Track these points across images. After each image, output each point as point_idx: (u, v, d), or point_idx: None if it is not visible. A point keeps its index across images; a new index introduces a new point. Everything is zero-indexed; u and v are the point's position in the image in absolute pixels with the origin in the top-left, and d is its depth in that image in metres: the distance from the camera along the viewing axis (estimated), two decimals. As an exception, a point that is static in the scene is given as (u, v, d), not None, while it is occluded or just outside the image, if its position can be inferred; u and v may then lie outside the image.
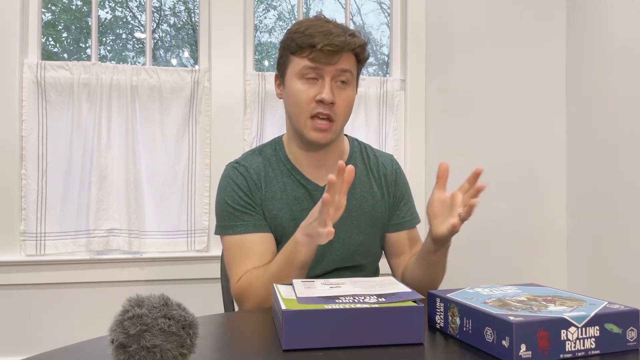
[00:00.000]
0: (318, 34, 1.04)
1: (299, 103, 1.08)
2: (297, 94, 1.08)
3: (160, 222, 1.86)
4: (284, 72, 1.12)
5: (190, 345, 0.56)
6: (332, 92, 1.06)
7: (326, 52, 1.04)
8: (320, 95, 1.05)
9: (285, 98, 1.13)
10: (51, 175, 1.78)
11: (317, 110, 1.06)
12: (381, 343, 0.72)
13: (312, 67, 1.06)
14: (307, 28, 1.06)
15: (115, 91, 1.82)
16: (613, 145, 1.96)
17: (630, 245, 1.88)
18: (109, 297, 1.82)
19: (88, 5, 2.02)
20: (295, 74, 1.08)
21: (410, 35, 2.08)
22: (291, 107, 1.10)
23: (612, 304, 0.72)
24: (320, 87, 1.06)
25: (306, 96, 1.07)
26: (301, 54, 1.06)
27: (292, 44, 1.07)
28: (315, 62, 1.05)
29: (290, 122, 1.13)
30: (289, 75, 1.10)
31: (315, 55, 1.05)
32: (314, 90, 1.07)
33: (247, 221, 1.09)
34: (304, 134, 1.09)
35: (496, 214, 2.15)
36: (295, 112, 1.09)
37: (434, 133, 2.10)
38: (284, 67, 1.11)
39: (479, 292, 0.80)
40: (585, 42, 2.11)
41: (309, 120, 1.07)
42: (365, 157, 1.23)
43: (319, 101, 1.06)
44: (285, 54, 1.11)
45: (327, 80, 1.06)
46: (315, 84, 1.07)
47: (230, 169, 1.15)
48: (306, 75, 1.07)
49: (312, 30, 1.05)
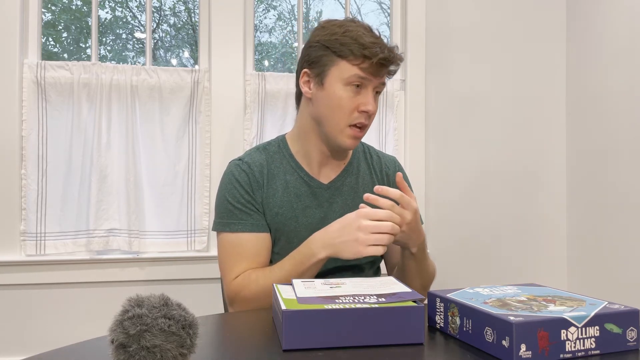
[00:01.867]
0: (371, 45, 1.04)
1: (342, 109, 1.07)
2: (341, 100, 1.07)
3: (160, 222, 1.86)
4: (323, 72, 1.09)
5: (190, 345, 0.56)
6: (375, 103, 1.09)
7: (378, 65, 1.05)
8: (366, 106, 1.06)
9: (322, 100, 1.10)
10: (51, 175, 1.78)
11: (359, 120, 1.07)
12: (381, 343, 0.72)
13: (361, 77, 1.06)
14: (358, 36, 1.06)
15: (115, 91, 1.82)
16: (613, 145, 1.96)
17: (630, 245, 1.88)
18: (109, 297, 1.82)
19: (88, 5, 2.02)
20: (341, 80, 1.07)
21: (410, 35, 2.08)
22: (329, 111, 1.09)
23: (612, 304, 0.72)
24: (364, 96, 1.07)
25: (351, 104, 1.07)
26: (353, 61, 1.06)
27: (342, 48, 1.06)
28: (366, 72, 1.06)
29: (320, 124, 1.11)
30: (332, 78, 1.08)
31: (368, 66, 1.05)
32: (358, 99, 1.07)
33: (246, 220, 1.09)
34: (337, 139, 1.09)
35: (496, 214, 2.15)
36: (334, 118, 1.08)
37: (434, 133, 2.10)
38: (324, 67, 1.09)
39: (479, 292, 0.80)
40: (585, 41, 2.11)
41: (347, 128, 1.08)
42: (369, 158, 1.23)
43: (363, 111, 1.07)
44: (328, 55, 1.08)
45: (370, 91, 1.08)
46: (359, 92, 1.07)
47: (233, 166, 1.15)
48: (352, 84, 1.07)
49: (363, 40, 1.05)
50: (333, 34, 1.08)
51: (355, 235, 0.95)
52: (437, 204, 2.10)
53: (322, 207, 1.14)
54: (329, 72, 1.08)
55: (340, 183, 1.17)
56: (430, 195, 2.09)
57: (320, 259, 0.99)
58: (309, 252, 1.00)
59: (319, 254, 0.99)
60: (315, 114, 1.12)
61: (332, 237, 0.98)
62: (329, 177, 1.17)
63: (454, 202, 2.12)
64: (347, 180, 1.18)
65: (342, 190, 1.16)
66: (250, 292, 1.03)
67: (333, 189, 1.16)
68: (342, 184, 1.17)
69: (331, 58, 1.08)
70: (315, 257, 0.99)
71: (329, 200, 1.15)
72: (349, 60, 1.06)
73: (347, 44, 1.06)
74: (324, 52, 1.09)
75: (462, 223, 2.12)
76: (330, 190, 1.15)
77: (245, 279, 1.05)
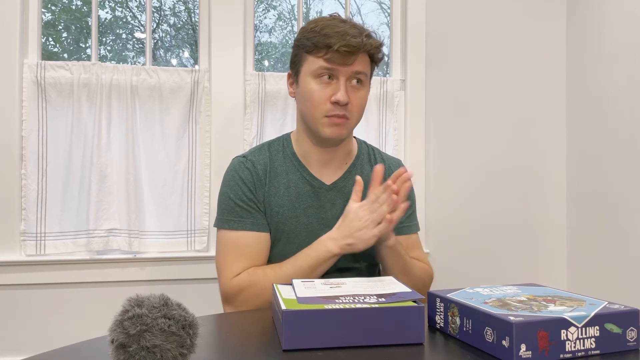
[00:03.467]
0: (334, 34, 1.04)
1: (313, 103, 1.08)
2: (312, 94, 1.08)
3: (160, 222, 1.86)
4: (298, 70, 1.11)
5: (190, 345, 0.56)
6: (346, 93, 1.06)
7: (342, 53, 1.04)
8: (335, 96, 1.06)
9: (299, 97, 1.12)
10: (51, 175, 1.78)
11: (332, 113, 1.07)
12: (381, 343, 0.72)
13: (327, 68, 1.06)
14: (323, 27, 1.05)
15: (115, 91, 1.82)
16: (613, 145, 1.96)
17: (630, 245, 1.88)
18: (109, 297, 1.82)
19: (88, 5, 2.02)
20: (310, 74, 1.08)
21: (410, 35, 2.08)
22: (305, 107, 1.10)
23: (612, 304, 0.72)
24: (335, 87, 1.07)
25: (321, 96, 1.07)
26: (317, 53, 1.06)
27: (307, 42, 1.07)
28: (330, 62, 1.05)
29: (304, 120, 1.13)
30: (303, 74, 1.10)
31: (331, 55, 1.04)
32: (329, 91, 1.07)
33: (246, 218, 1.09)
34: (319, 131, 1.09)
35: (496, 214, 2.15)
36: (310, 112, 1.09)
37: (434, 133, 2.10)
38: (298, 65, 1.11)
39: (479, 292, 0.80)
40: (585, 42, 2.11)
41: (324, 119, 1.08)
42: (373, 159, 1.23)
43: (334, 102, 1.06)
44: (299, 53, 1.10)
45: (342, 81, 1.07)
46: (330, 84, 1.07)
47: (237, 162, 1.15)
48: (321, 76, 1.07)
49: (328, 30, 1.04)
50: (304, 32, 1.10)
51: (360, 224, 1.01)
52: (437, 204, 2.10)
53: (324, 207, 1.14)
54: (302, 70, 1.10)
55: (343, 184, 1.17)
56: (430, 195, 2.08)
57: (335, 254, 1.03)
58: (324, 248, 1.03)
59: (333, 250, 1.03)
60: (300, 112, 1.15)
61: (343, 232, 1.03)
62: (331, 177, 1.17)
63: (454, 202, 2.12)
64: (349, 182, 1.17)
65: (344, 192, 1.16)
66: (258, 288, 1.03)
67: (335, 190, 1.16)
68: (344, 185, 1.17)
69: (302, 55, 1.10)
70: (330, 253, 1.03)
71: (331, 202, 1.15)
72: (314, 54, 1.07)
73: (312, 38, 1.06)
74: (298, 51, 1.11)
75: (462, 223, 2.12)
76: (332, 191, 1.15)
77: (252, 275, 1.05)
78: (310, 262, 1.03)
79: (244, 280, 1.05)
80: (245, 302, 1.05)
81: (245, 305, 1.05)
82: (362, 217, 1.01)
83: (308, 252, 1.04)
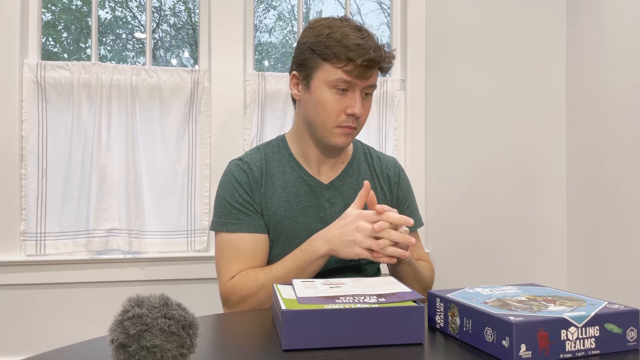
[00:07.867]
0: (355, 47, 1.03)
1: (327, 112, 1.07)
2: (326, 103, 1.07)
3: (160, 222, 1.86)
4: (309, 75, 1.09)
5: (190, 345, 0.56)
6: (362, 105, 1.07)
7: (362, 67, 1.04)
8: (352, 109, 1.06)
9: (309, 102, 1.10)
10: (51, 175, 1.78)
11: (347, 123, 1.07)
12: (381, 343, 0.72)
13: (346, 81, 1.06)
14: (342, 37, 1.04)
15: (115, 91, 1.82)
16: (613, 145, 1.96)
17: (630, 245, 1.88)
18: (109, 297, 1.82)
19: (88, 5, 2.02)
20: (326, 83, 1.07)
21: (410, 35, 2.08)
22: (316, 114, 1.09)
23: (612, 304, 0.72)
24: (350, 99, 1.07)
25: (336, 107, 1.07)
26: (336, 64, 1.05)
27: (326, 50, 1.05)
28: (350, 75, 1.05)
29: (311, 125, 1.12)
30: (317, 81, 1.08)
31: (351, 69, 1.04)
32: (344, 102, 1.07)
33: (243, 220, 1.09)
34: (328, 139, 1.10)
35: (496, 214, 2.15)
36: (321, 120, 1.08)
37: (434, 133, 2.10)
38: (311, 70, 1.09)
39: (479, 292, 0.80)
40: (585, 41, 2.11)
41: (336, 129, 1.08)
42: (369, 158, 1.23)
43: (350, 114, 1.07)
44: (313, 58, 1.08)
45: (357, 94, 1.07)
46: (345, 95, 1.07)
47: (233, 165, 1.15)
48: (338, 86, 1.06)
49: (347, 41, 1.04)
50: (319, 36, 1.07)
51: (353, 236, 0.95)
52: (437, 204, 2.10)
53: (322, 207, 1.14)
54: (315, 75, 1.08)
55: (341, 183, 1.17)
56: (430, 195, 2.08)
57: (321, 255, 1.00)
58: (310, 248, 1.01)
59: (319, 250, 0.99)
60: (305, 116, 1.13)
61: (332, 235, 0.99)
62: (329, 177, 1.17)
63: (453, 202, 2.12)
64: (347, 181, 1.17)
65: (342, 191, 1.16)
66: (248, 289, 1.03)
67: (333, 189, 1.16)
68: (342, 184, 1.17)
69: (317, 61, 1.08)
70: (316, 254, 1.00)
71: (330, 201, 1.15)
72: (332, 63, 1.05)
73: (331, 47, 1.05)
74: (310, 54, 1.09)
75: (462, 223, 2.12)
76: (330, 190, 1.15)
77: (244, 277, 1.05)
78: (298, 263, 1.01)
79: (237, 282, 1.05)
80: (239, 303, 1.05)
81: (239, 306, 1.05)
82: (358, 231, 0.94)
83: (296, 254, 1.03)
